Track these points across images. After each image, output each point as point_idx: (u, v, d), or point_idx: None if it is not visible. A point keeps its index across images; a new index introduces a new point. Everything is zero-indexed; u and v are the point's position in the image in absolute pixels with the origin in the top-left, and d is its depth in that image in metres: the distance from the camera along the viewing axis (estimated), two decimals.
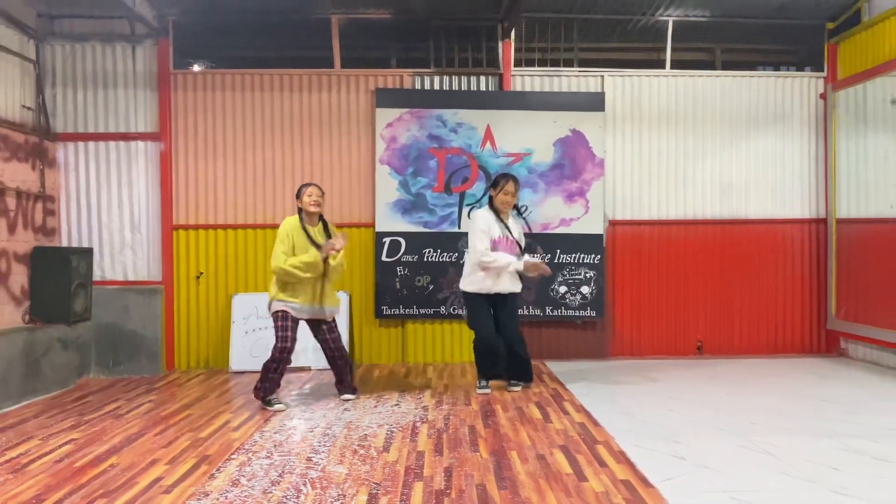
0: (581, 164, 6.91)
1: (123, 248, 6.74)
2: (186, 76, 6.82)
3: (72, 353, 6.30)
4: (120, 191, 6.75)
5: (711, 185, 7.17)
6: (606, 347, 7.09)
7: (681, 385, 5.75)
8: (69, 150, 6.68)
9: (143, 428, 4.64)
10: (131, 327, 6.63)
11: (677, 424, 4.51)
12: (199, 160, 6.82)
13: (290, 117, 6.88)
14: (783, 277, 7.20)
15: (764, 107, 7.21)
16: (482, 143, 6.91)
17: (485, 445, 4.10)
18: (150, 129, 6.76)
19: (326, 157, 6.92)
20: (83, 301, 6.38)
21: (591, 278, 6.91)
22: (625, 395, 5.42)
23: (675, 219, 7.14)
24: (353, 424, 4.63)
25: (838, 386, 5.71)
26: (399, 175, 6.88)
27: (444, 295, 6.91)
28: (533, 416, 4.74)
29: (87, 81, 6.72)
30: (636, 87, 7.13)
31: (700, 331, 7.17)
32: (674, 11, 6.95)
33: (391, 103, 6.88)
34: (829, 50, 7.22)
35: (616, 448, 4.00)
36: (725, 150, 7.18)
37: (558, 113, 6.90)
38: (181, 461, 3.91)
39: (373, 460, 3.86)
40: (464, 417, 4.76)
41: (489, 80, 7.04)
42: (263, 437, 4.35)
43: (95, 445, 4.24)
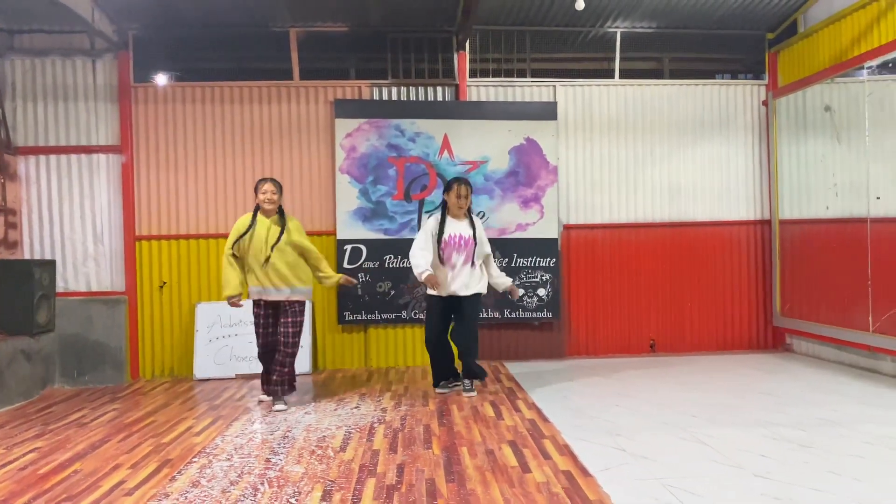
0: (535, 171, 7.16)
1: (86, 259, 6.82)
2: (147, 89, 6.93)
3: (36, 364, 6.36)
4: (82, 203, 6.83)
5: (660, 189, 7.47)
6: (563, 348, 7.33)
7: (631, 382, 6.00)
8: (30, 164, 6.75)
9: (106, 435, 4.75)
10: (95, 337, 6.70)
11: (622, 419, 4.75)
12: (161, 171, 6.93)
13: (251, 128, 7.03)
14: (731, 277, 7.51)
15: (709, 114, 7.53)
16: (440, 152, 7.12)
17: (437, 443, 4.29)
18: (111, 141, 6.85)
19: (287, 167, 7.07)
20: (46, 312, 6.45)
21: (548, 281, 7.15)
22: (576, 392, 5.66)
23: (626, 222, 7.42)
24: (313, 427, 4.79)
25: (778, 380, 6.01)
26: (359, 183, 7.06)
27: (405, 300, 7.09)
28: (486, 415, 4.95)
29: (48, 95, 6.80)
30: (587, 96, 7.40)
31: (652, 330, 7.45)
32: (621, 23, 7.24)
33: (350, 114, 7.06)
34: (770, 59, 7.57)
35: (561, 442, 4.22)
36: (673, 156, 7.48)
37: (513, 122, 7.14)
38: (143, 465, 4.04)
39: (329, 459, 4.03)
40: (420, 417, 4.95)
41: (446, 90, 7.26)
42: (224, 441, 4.50)
43: (59, 453, 4.35)
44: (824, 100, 6.66)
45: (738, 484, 3.46)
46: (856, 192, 6.18)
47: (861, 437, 4.20)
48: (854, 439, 4.16)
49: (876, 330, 5.92)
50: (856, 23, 6.36)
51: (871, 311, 5.97)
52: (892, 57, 5.77)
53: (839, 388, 5.61)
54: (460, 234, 5.70)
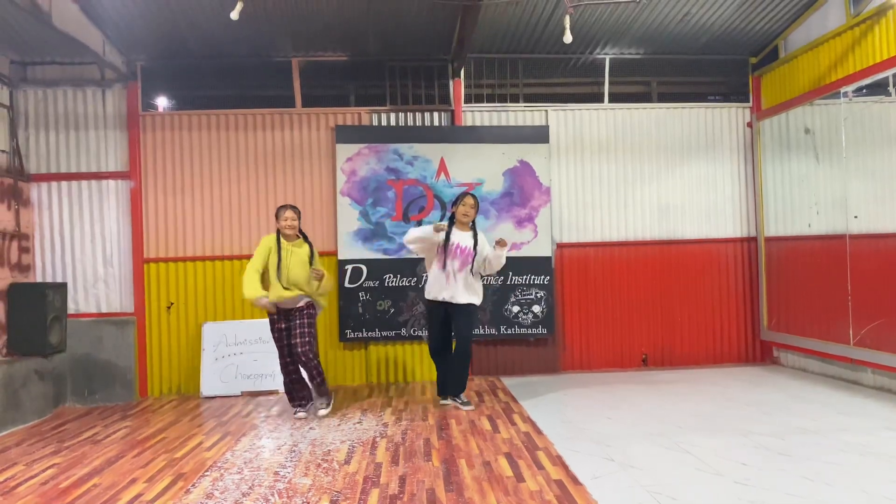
0: (529, 192, 7.44)
1: (96, 281, 7.07)
2: (154, 117, 7.21)
3: (48, 383, 6.59)
4: (92, 227, 7.09)
5: (650, 208, 7.74)
6: (558, 362, 7.58)
7: (622, 395, 6.24)
8: (43, 190, 7.02)
9: (120, 451, 4.98)
10: (105, 357, 6.94)
11: (612, 430, 5.00)
12: (168, 196, 7.20)
13: (255, 154, 7.30)
14: (719, 292, 7.77)
15: (696, 135, 7.82)
16: (437, 175, 7.40)
17: (437, 455, 4.53)
18: (120, 167, 7.13)
19: (290, 191, 7.34)
20: (58, 333, 6.69)
21: (542, 298, 7.41)
22: (570, 406, 5.90)
23: (617, 240, 7.68)
24: (318, 441, 5.03)
25: (763, 391, 6.25)
26: (359, 206, 7.33)
27: (405, 318, 7.34)
28: (483, 428, 5.19)
29: (59, 124, 7.08)
30: (578, 119, 7.69)
31: (644, 344, 7.70)
32: (610, 50, 7.55)
33: (350, 139, 7.35)
34: (754, 82, 7.88)
35: (554, 453, 4.47)
36: (662, 176, 7.76)
37: (506, 145, 7.43)
38: (158, 479, 4.27)
39: (335, 472, 4.27)
40: (420, 431, 5.19)
41: (442, 115, 7.55)
42: (234, 456, 4.73)
43: (77, 468, 4.58)
44: (805, 122, 6.96)
45: (718, 490, 3.71)
46: (835, 210, 6.46)
47: (836, 444, 4.45)
48: (829, 447, 4.41)
49: (856, 343, 6.18)
50: (832, 49, 6.67)
51: (852, 325, 6.23)
52: (866, 82, 6.07)
53: (820, 398, 5.86)
54: (460, 243, 5.94)
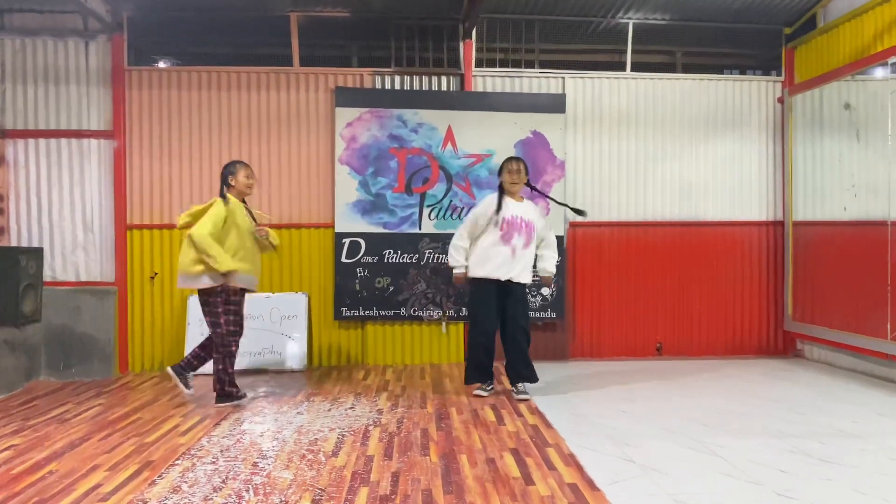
0: (542, 166, 6.91)
1: (75, 248, 6.59)
2: (141, 73, 6.68)
3: (20, 355, 6.13)
4: (72, 190, 6.60)
5: (671, 187, 7.22)
6: (567, 349, 7.10)
7: (637, 387, 5.77)
8: (19, 148, 6.52)
9: (87, 433, 4.52)
10: (83, 329, 6.48)
11: (628, 426, 4.52)
12: (154, 159, 6.69)
13: (248, 116, 6.78)
14: (741, 279, 7.27)
15: (723, 110, 7.28)
16: (443, 144, 6.88)
17: (435, 449, 4.06)
18: (103, 126, 6.62)
19: (285, 157, 6.83)
20: (32, 302, 6.22)
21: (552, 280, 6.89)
22: (580, 397, 5.42)
23: (634, 221, 7.17)
24: (304, 429, 4.56)
25: (789, 387, 5.77)
26: (359, 175, 6.82)
27: (405, 296, 6.86)
28: (486, 419, 4.72)
29: (38, 77, 6.56)
30: (597, 88, 7.15)
31: (659, 332, 7.21)
32: (634, 14, 6.99)
33: (351, 102, 6.82)
34: (787, 54, 7.31)
35: (566, 451, 3.99)
36: (685, 153, 7.23)
37: (519, 114, 6.90)
38: (122, 467, 3.81)
39: (320, 465, 3.80)
40: (417, 420, 4.72)
41: (450, 80, 7.01)
42: (210, 442, 4.27)
43: (36, 451, 4.12)
44: (843, 97, 6.41)
45: (758, 503, 3.23)
46: (877, 194, 5.93)
47: (885, 452, 3.97)
48: (876, 454, 3.93)
49: (894, 338, 5.68)
50: (879, 17, 6.10)
51: (890, 318, 5.73)
52: None
53: (854, 396, 5.37)
54: (521, 216, 5.40)
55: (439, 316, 6.88)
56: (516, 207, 5.43)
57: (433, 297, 6.88)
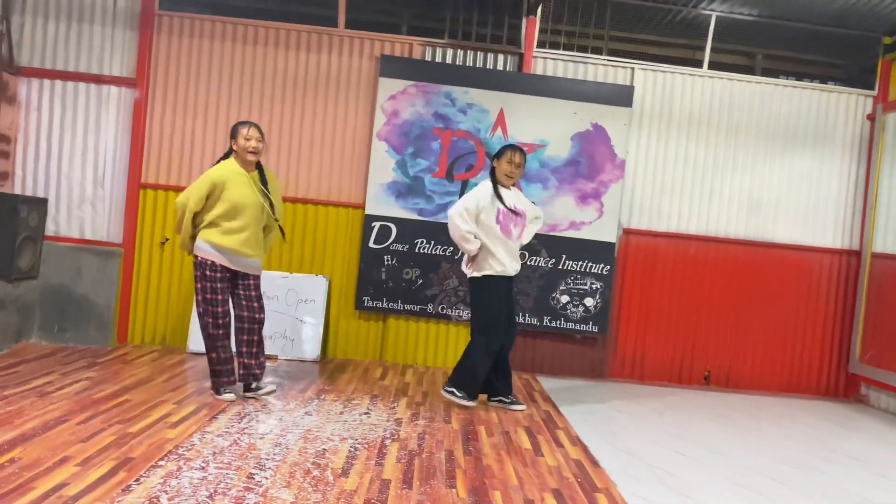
0: (599, 164, 6.24)
1: (83, 202, 6.05)
2: (173, 19, 6.10)
3: (10, 313, 5.60)
4: (85, 138, 6.04)
5: (739, 201, 6.52)
6: (605, 367, 6.44)
7: (688, 422, 5.10)
8: (32, 87, 5.97)
9: (66, 412, 3.95)
10: (82, 291, 5.93)
11: (688, 473, 3.86)
12: (177, 114, 6.11)
13: (283, 77, 6.18)
14: (806, 310, 6.55)
15: (805, 121, 6.55)
16: (493, 129, 6.23)
17: (463, 479, 3.43)
18: (125, 73, 6.05)
19: (319, 126, 6.22)
20: (30, 257, 5.69)
21: (598, 290, 6.25)
22: (627, 427, 4.77)
23: (695, 234, 6.48)
24: (312, 434, 3.96)
25: (864, 441, 5.08)
26: (397, 154, 6.20)
27: (433, 292, 6.24)
28: (521, 447, 4.08)
29: (61, 13, 6.00)
30: (668, 84, 6.45)
31: (709, 359, 6.53)
32: (719, 6, 6.28)
33: (397, 73, 6.19)
34: (883, 66, 6.56)
35: (619, 499, 3.34)
36: (758, 165, 6.52)
37: (580, 104, 6.22)
38: (96, 463, 3.23)
39: (327, 486, 3.19)
40: (441, 438, 4.10)
41: (508, 59, 6.35)
42: (203, 440, 3.68)
43: (3, 430, 3.56)
44: None
45: None
46: None
47: None
48: None
49: None
50: None
51: None
52: None
53: None
54: (515, 205, 4.90)
55: (468, 317, 6.24)
56: (512, 198, 4.93)
57: (464, 295, 6.25)
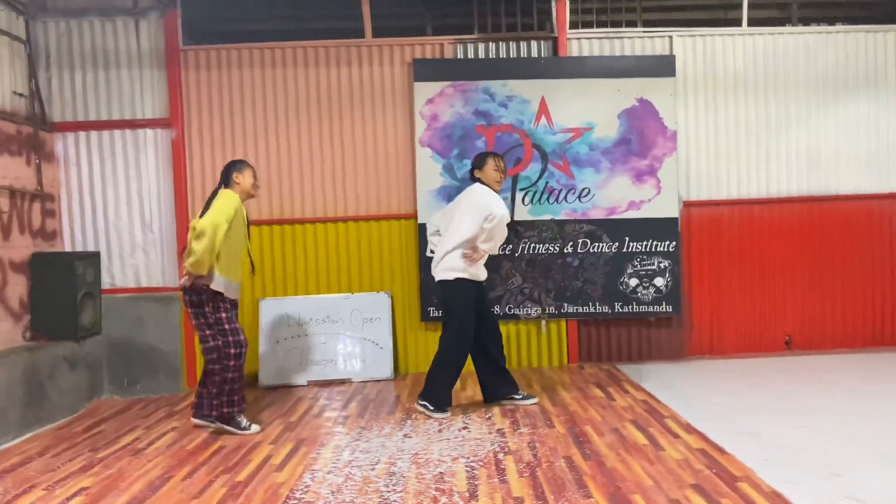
0: (651, 139, 6.05)
1: (134, 250, 5.94)
2: (198, 53, 5.98)
3: (81, 372, 5.51)
4: (128, 185, 5.94)
5: (797, 157, 6.30)
6: (684, 346, 6.25)
7: (791, 391, 4.91)
8: (68, 142, 5.87)
9: (167, 469, 3.84)
10: (147, 340, 5.84)
11: (823, 449, 3.68)
12: (216, 147, 6.00)
13: (317, 95, 6.04)
14: (882, 260, 6.32)
15: (854, 66, 6.32)
16: (536, 119, 6.06)
17: (595, 486, 3.27)
18: (158, 114, 5.94)
19: (360, 140, 6.08)
20: (92, 313, 5.60)
21: (666, 269, 6.06)
22: (731, 407, 4.58)
23: (756, 197, 6.27)
24: (421, 457, 3.82)
25: None
26: (442, 158, 6.04)
27: (498, 293, 6.08)
28: (637, 442, 3.91)
29: (86, 62, 5.90)
30: (709, 47, 6.24)
31: (788, 323, 6.32)
32: None
33: (431, 76, 6.03)
34: None
35: (765, 487, 3.17)
36: (812, 118, 6.30)
37: (623, 80, 6.03)
38: None
39: None
40: (552, 445, 3.94)
41: (542, 45, 6.18)
42: (315, 480, 3.54)
43: (111, 497, 3.45)
44: None
45: None
46: None
47: None
48: None
49: None
50: None
51: None
52: None
53: None
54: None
55: (538, 314, 6.09)
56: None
57: (530, 292, 6.09)
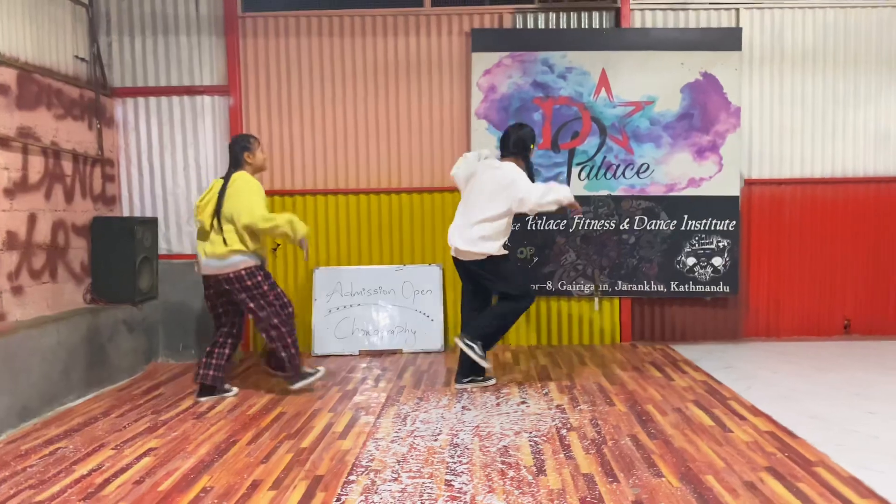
0: (713, 114, 5.89)
1: (190, 217, 5.99)
2: (257, 20, 5.95)
3: (138, 336, 5.60)
4: (185, 152, 5.97)
5: (865, 136, 6.09)
6: (740, 327, 6.14)
7: (855, 375, 4.79)
8: (128, 107, 5.92)
9: (231, 433, 3.89)
10: (201, 306, 5.88)
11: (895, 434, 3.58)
12: (273, 116, 5.99)
13: (374, 65, 5.98)
14: None
15: None
16: (596, 91, 5.93)
17: (666, 466, 3.23)
18: (216, 81, 5.94)
19: (415, 111, 6.03)
20: (149, 277, 5.67)
21: (725, 248, 5.93)
22: (796, 389, 4.49)
23: (821, 177, 6.09)
24: (483, 430, 3.81)
25: None
26: (498, 130, 5.94)
27: (551, 268, 6.02)
28: (703, 423, 3.84)
29: (146, 28, 5.91)
30: (777, 21, 6.03)
31: (848, 307, 6.16)
32: None
33: (489, 46, 5.93)
34: None
35: (843, 473, 3.09)
36: (882, 95, 6.07)
37: (686, 53, 5.87)
38: (289, 486, 3.13)
39: (531, 487, 3.03)
40: (615, 423, 3.89)
41: (603, 15, 6.03)
42: (379, 449, 3.56)
43: (179, 459, 3.50)
44: None
45: None
46: None
47: None
48: None
49: None
50: None
51: None
52: None
53: None
54: None
55: (591, 290, 6.02)
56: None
57: (583, 269, 6.01)
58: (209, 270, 4.45)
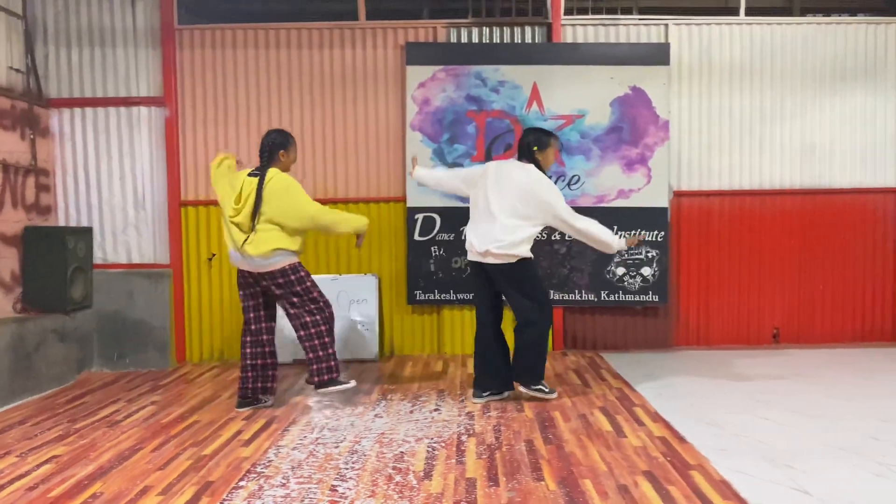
0: (642, 127, 6.02)
1: (126, 227, 6.04)
2: (193, 32, 6.03)
3: (70, 345, 5.63)
4: (121, 163, 6.02)
5: (791, 149, 6.24)
6: (670, 336, 6.25)
7: (767, 384, 4.90)
8: (64, 118, 5.96)
9: (139, 441, 3.93)
10: (137, 315, 5.94)
11: (781, 440, 3.69)
12: (209, 127, 6.06)
13: (310, 77, 6.07)
14: (874, 255, 6.27)
15: (853, 59, 6.23)
16: (528, 105, 6.05)
17: (549, 471, 3.31)
18: (153, 92, 6.01)
19: (350, 123, 6.11)
20: (82, 287, 5.70)
21: (654, 258, 6.05)
22: (704, 397, 4.60)
23: (748, 189, 6.23)
24: (387, 437, 3.88)
25: None
26: (433, 143, 6.06)
27: None
28: (602, 429, 3.94)
29: (83, 39, 5.97)
30: (705, 36, 6.19)
31: (776, 317, 6.30)
32: None
33: (424, 60, 6.04)
34: None
35: (716, 476, 3.19)
36: (808, 110, 6.23)
37: (616, 68, 6.00)
38: (178, 490, 3.18)
39: (411, 491, 3.10)
40: (518, 429, 3.98)
41: (535, 31, 6.16)
42: (279, 456, 3.62)
43: (80, 465, 3.54)
44: None
45: None
46: None
47: None
48: None
49: None
50: None
51: None
52: None
53: None
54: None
55: None
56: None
57: None
58: (248, 267, 4.37)
